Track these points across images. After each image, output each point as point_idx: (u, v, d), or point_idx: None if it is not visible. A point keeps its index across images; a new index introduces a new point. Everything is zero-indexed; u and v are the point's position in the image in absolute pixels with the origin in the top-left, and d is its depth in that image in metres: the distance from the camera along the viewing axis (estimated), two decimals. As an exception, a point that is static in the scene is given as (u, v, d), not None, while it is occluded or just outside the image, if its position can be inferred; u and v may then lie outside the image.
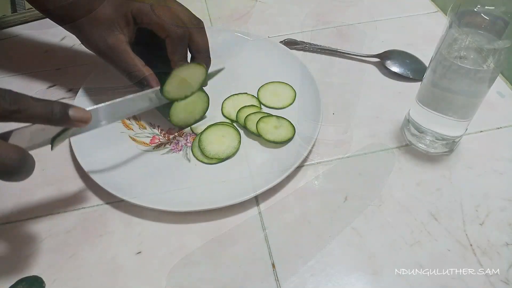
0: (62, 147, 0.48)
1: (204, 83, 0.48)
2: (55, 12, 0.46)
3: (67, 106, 0.34)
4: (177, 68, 0.44)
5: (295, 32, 0.62)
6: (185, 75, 0.45)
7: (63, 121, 0.34)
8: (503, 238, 0.40)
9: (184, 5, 0.47)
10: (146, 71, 0.45)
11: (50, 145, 0.37)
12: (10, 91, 0.31)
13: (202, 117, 0.50)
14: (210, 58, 0.49)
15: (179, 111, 0.47)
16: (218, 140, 0.47)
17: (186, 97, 0.47)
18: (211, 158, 0.45)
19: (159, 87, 0.44)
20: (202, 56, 0.48)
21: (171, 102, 0.46)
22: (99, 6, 0.44)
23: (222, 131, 0.47)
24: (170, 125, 0.49)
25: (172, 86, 0.44)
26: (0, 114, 0.30)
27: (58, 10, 0.45)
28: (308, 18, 0.64)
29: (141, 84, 0.45)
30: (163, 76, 0.47)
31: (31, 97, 0.32)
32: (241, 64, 0.56)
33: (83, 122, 0.35)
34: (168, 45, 0.45)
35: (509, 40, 0.35)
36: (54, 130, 0.36)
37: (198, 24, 0.47)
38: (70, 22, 0.45)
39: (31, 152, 0.33)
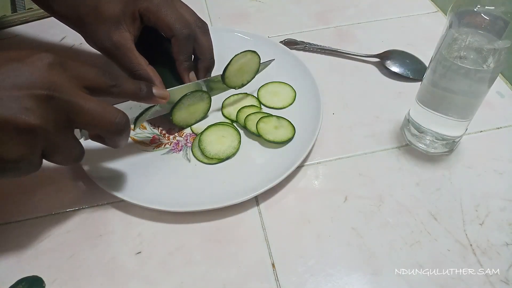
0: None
1: (257, 72, 0.50)
2: (61, 10, 0.46)
3: (151, 85, 0.40)
4: (236, 55, 0.47)
5: (295, 32, 0.62)
6: (243, 62, 0.47)
7: (148, 97, 0.39)
8: (503, 238, 0.40)
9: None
10: (150, 70, 0.45)
11: (132, 125, 0.41)
12: (110, 70, 0.36)
13: (203, 117, 0.50)
14: (214, 60, 0.49)
15: (182, 111, 0.47)
16: (218, 140, 0.47)
17: (242, 85, 0.50)
18: (211, 158, 0.45)
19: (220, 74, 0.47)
20: (206, 58, 0.48)
21: (173, 103, 0.46)
22: (105, 3, 0.44)
23: (222, 131, 0.47)
24: (170, 125, 0.49)
25: (231, 73, 0.47)
26: (102, 88, 0.35)
27: (63, 8, 0.45)
28: (308, 18, 0.64)
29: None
30: (166, 74, 0.47)
31: (125, 76, 0.38)
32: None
33: (163, 99, 0.41)
34: (174, 45, 0.45)
35: (509, 40, 0.35)
36: (137, 110, 0.42)
37: (203, 26, 0.47)
38: (75, 20, 0.45)
39: None
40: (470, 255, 0.39)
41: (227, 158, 0.46)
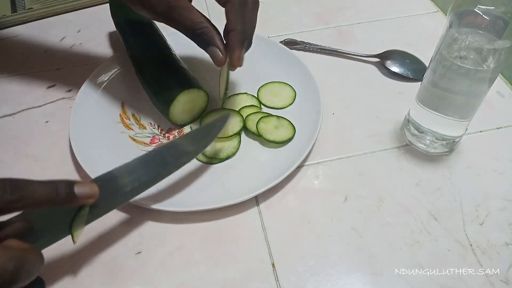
0: (61, 147, 0.48)
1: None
2: None
3: (72, 183, 0.31)
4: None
5: (295, 32, 0.62)
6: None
7: (69, 201, 0.31)
8: (503, 238, 0.40)
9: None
10: (213, 29, 0.41)
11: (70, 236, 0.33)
12: (9, 180, 0.28)
13: (201, 115, 0.50)
14: (251, 42, 0.43)
15: (178, 109, 0.47)
16: (218, 140, 0.47)
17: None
18: (211, 158, 0.45)
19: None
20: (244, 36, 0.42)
21: (170, 101, 0.46)
22: None
23: (222, 131, 0.47)
24: (170, 125, 0.49)
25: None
26: (0, 208, 0.27)
27: None
28: (308, 18, 0.64)
29: (206, 43, 0.41)
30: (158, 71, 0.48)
31: (33, 181, 0.29)
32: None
33: (91, 198, 0.32)
34: (230, 13, 0.40)
35: (509, 40, 0.35)
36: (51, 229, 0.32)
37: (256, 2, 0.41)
38: None
39: None
40: (470, 255, 0.39)
41: (227, 158, 0.46)
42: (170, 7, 0.39)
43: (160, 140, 0.48)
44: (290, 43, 0.59)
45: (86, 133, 0.47)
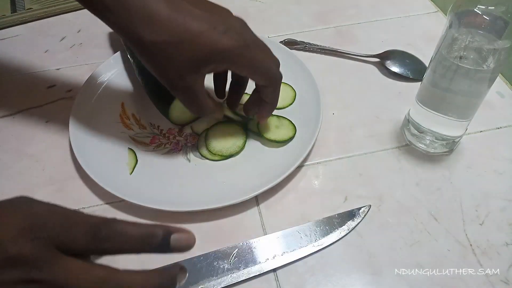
0: (61, 147, 0.48)
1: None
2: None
3: (169, 231, 0.29)
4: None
5: (295, 32, 0.62)
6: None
7: (161, 249, 0.29)
8: (503, 238, 0.40)
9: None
10: (215, 106, 0.43)
11: None
12: (108, 222, 0.27)
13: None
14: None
15: (178, 109, 0.47)
16: (223, 137, 0.47)
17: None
18: (214, 154, 0.45)
19: None
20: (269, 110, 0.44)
21: (170, 101, 0.46)
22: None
23: (229, 129, 0.48)
24: (170, 125, 0.49)
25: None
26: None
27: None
28: (308, 18, 0.64)
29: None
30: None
31: (125, 221, 0.28)
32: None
33: (186, 250, 0.30)
34: (267, 95, 0.42)
35: (509, 40, 0.35)
36: None
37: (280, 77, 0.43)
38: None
39: None
40: (470, 255, 0.39)
41: (230, 156, 0.46)
42: (186, 87, 0.39)
43: (160, 140, 0.48)
44: (290, 43, 0.59)
45: (86, 133, 0.47)
